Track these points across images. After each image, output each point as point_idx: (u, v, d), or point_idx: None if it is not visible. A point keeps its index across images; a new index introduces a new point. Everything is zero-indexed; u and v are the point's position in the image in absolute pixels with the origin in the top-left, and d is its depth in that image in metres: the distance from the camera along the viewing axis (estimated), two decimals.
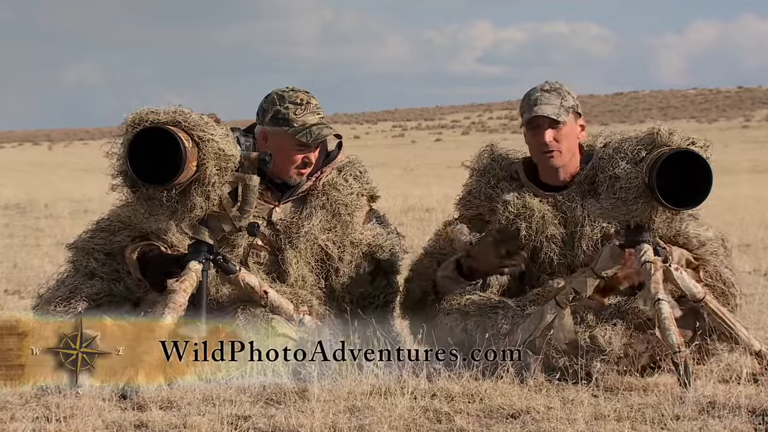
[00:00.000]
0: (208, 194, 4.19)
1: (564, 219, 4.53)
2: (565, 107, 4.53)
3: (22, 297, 6.98)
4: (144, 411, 3.77)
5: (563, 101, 4.54)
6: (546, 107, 4.51)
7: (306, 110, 4.54)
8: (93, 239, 4.50)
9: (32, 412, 3.72)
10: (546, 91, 4.56)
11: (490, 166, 4.69)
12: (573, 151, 4.57)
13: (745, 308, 4.55)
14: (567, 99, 4.55)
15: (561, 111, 4.51)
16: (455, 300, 4.45)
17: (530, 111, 4.52)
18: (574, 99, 4.58)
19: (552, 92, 4.55)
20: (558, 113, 4.50)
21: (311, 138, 4.52)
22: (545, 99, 4.53)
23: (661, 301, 4.14)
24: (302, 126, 4.53)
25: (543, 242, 4.50)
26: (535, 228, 4.50)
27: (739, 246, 9.57)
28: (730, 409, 3.72)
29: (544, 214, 4.51)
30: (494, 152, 4.73)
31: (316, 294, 4.53)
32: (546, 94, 4.55)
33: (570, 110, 4.54)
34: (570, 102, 4.55)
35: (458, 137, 67.83)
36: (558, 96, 4.54)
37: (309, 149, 4.55)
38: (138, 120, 4.12)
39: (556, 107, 4.52)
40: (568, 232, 4.52)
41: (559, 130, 4.52)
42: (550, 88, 4.57)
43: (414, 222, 11.72)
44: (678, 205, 4.13)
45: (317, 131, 4.53)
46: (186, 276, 4.21)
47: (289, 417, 3.63)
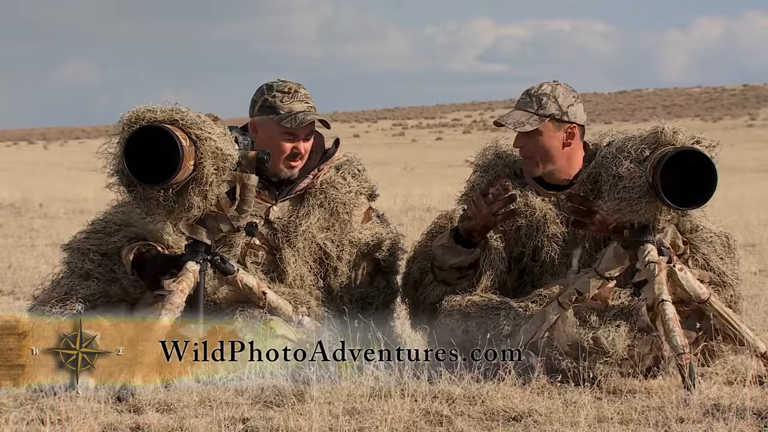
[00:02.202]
0: (205, 194, 4.15)
1: (566, 218, 4.49)
2: (540, 115, 4.49)
3: (17, 298, 6.96)
4: (140, 413, 3.75)
5: (540, 109, 4.49)
6: (514, 113, 4.51)
7: (293, 98, 4.51)
8: (88, 240, 4.47)
9: (27, 415, 3.69)
10: (529, 94, 4.54)
11: (493, 162, 4.69)
12: (549, 157, 4.51)
13: (750, 309, 4.51)
14: (548, 107, 4.50)
15: (531, 120, 4.48)
16: (456, 301, 4.41)
17: (503, 113, 4.54)
18: (559, 107, 4.51)
19: (533, 98, 4.52)
20: (523, 122, 4.48)
21: (295, 123, 4.47)
22: (521, 104, 4.54)
23: (665, 302, 4.10)
24: (288, 113, 4.49)
25: (544, 241, 4.48)
26: (536, 226, 4.47)
27: (744, 246, 9.54)
28: (736, 411, 3.69)
29: (546, 213, 4.50)
30: (498, 149, 4.72)
31: (314, 294, 4.51)
32: (525, 99, 4.55)
33: (547, 118, 4.49)
34: (551, 110, 4.50)
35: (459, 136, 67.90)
36: (536, 103, 4.50)
37: (297, 138, 4.50)
38: (134, 118, 4.09)
39: (525, 115, 4.49)
40: (570, 232, 4.49)
41: (531, 137, 4.49)
42: (535, 92, 4.54)
43: (414, 222, 11.70)
44: (682, 205, 4.09)
45: (302, 117, 4.49)
46: (183, 276, 4.18)
47: (288, 419, 3.60)
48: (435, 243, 4.53)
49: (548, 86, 4.55)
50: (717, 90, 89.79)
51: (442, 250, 4.48)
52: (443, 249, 4.48)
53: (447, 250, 4.47)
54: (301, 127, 4.49)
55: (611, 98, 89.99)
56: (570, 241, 4.51)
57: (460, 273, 4.48)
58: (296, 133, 4.50)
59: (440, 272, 4.52)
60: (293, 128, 4.49)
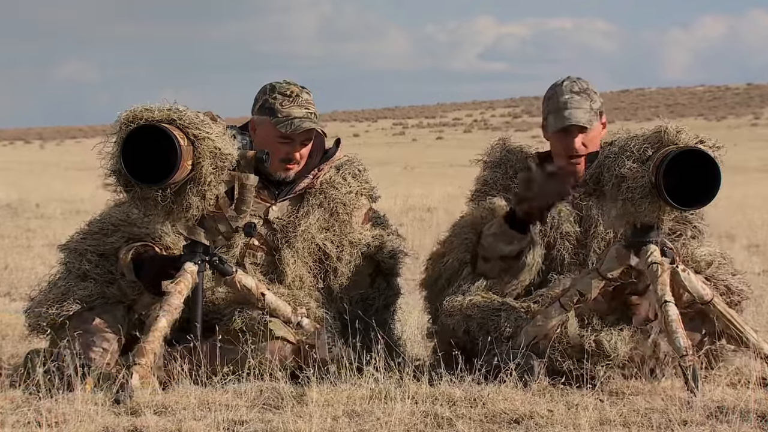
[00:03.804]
0: (204, 194, 4.13)
1: (579, 217, 4.45)
2: (594, 110, 4.43)
3: (13, 299, 6.96)
4: (138, 416, 3.72)
5: (592, 104, 4.44)
6: (578, 113, 4.39)
7: (294, 103, 4.47)
8: (85, 240, 4.44)
9: (24, 417, 3.66)
10: (576, 93, 4.43)
11: (505, 157, 4.60)
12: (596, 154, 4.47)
13: (754, 311, 4.49)
14: (595, 101, 4.45)
15: (591, 116, 4.41)
16: (457, 301, 4.37)
17: (561, 116, 4.40)
18: (600, 99, 4.48)
19: (582, 94, 4.43)
20: (590, 120, 4.40)
21: (290, 129, 4.43)
22: (576, 103, 4.42)
23: (668, 303, 4.07)
24: (285, 117, 4.45)
25: (557, 239, 4.42)
26: (551, 224, 4.41)
27: (748, 247, 9.52)
28: (739, 414, 3.66)
29: (561, 210, 4.42)
30: (507, 145, 4.64)
31: (314, 296, 4.47)
32: (576, 97, 4.42)
33: (597, 112, 4.45)
34: (597, 104, 4.45)
35: (460, 135, 67.97)
36: (587, 99, 4.43)
37: (293, 144, 4.46)
38: (132, 117, 4.06)
39: (587, 112, 4.41)
40: (582, 230, 4.44)
41: (587, 135, 4.43)
42: (580, 89, 4.44)
43: (415, 222, 11.70)
44: (686, 205, 4.06)
45: (298, 123, 4.45)
46: (181, 277, 4.15)
47: (287, 422, 3.57)
48: (486, 231, 4.36)
49: (582, 81, 4.47)
50: (720, 89, 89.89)
51: (494, 238, 4.33)
52: (495, 237, 4.33)
53: (500, 237, 4.32)
54: (296, 133, 4.45)
55: (614, 97, 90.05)
56: (582, 240, 4.46)
57: (505, 263, 4.35)
58: (292, 138, 4.47)
59: (483, 264, 4.39)
60: (288, 133, 4.45)
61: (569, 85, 4.46)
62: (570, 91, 4.44)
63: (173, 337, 4.16)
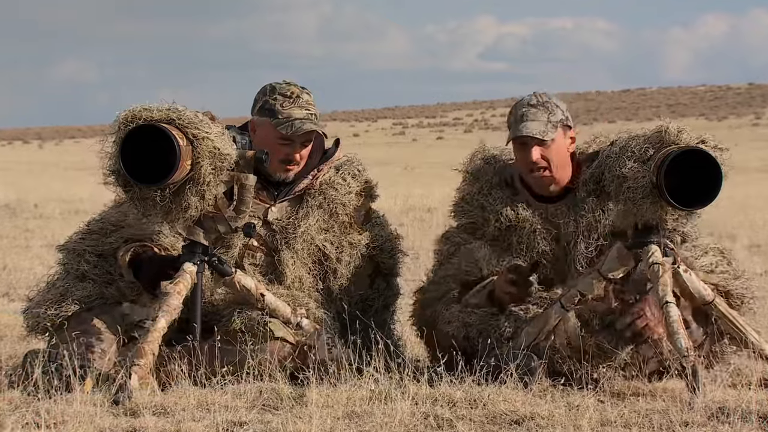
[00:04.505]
0: (203, 194, 4.11)
1: (556, 233, 4.42)
2: (552, 122, 4.40)
3: (12, 299, 6.95)
4: (137, 417, 3.71)
5: (551, 116, 4.40)
6: (532, 125, 4.37)
7: (294, 104, 4.45)
8: (84, 241, 4.43)
9: (22, 418, 3.65)
10: (533, 105, 4.41)
11: (483, 169, 4.58)
12: (563, 164, 4.44)
13: (755, 311, 4.48)
14: (555, 113, 4.42)
15: (548, 128, 4.38)
16: (455, 308, 4.36)
17: (516, 128, 4.39)
18: (563, 112, 4.44)
19: (539, 107, 4.41)
20: (544, 131, 4.37)
21: (291, 130, 4.41)
22: (532, 115, 4.39)
23: (669, 304, 4.06)
24: (286, 118, 4.43)
25: (534, 258, 4.39)
26: (526, 243, 4.40)
27: (749, 247, 9.51)
28: (740, 415, 3.66)
29: (535, 229, 4.41)
30: (486, 153, 4.63)
31: (313, 296, 4.46)
32: (533, 110, 4.40)
33: (558, 125, 4.41)
34: (558, 116, 4.42)
35: (460, 135, 67.96)
36: (545, 111, 4.40)
37: (293, 145, 4.44)
38: (131, 117, 4.05)
39: (542, 124, 4.38)
40: (560, 247, 4.42)
41: (547, 147, 4.39)
42: (537, 102, 4.42)
43: (415, 222, 11.70)
44: (687, 205, 4.05)
45: (299, 125, 4.43)
46: (180, 278, 4.14)
47: (286, 423, 3.55)
48: (470, 299, 4.40)
49: (546, 95, 4.46)
50: (722, 89, 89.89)
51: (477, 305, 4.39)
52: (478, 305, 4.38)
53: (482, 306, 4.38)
54: (297, 134, 4.44)
55: (614, 97, 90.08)
56: (561, 258, 4.44)
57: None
58: (292, 140, 4.45)
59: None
60: (289, 135, 4.43)
61: (528, 99, 4.44)
62: (527, 104, 4.42)
63: (172, 338, 4.16)
